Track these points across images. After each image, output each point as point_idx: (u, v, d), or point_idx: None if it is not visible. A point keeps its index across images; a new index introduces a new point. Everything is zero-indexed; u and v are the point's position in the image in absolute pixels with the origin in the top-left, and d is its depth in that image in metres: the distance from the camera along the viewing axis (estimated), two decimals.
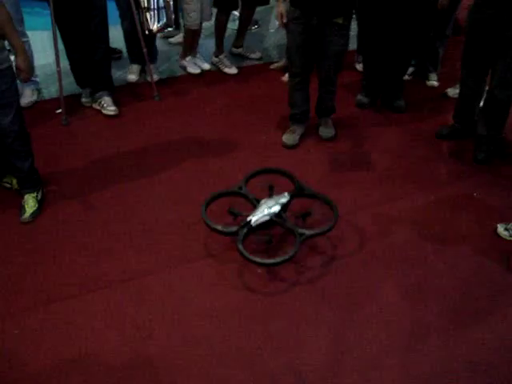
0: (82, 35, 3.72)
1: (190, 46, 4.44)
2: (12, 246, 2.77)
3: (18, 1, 3.78)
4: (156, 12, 3.85)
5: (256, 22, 5.30)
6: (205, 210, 2.70)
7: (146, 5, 3.80)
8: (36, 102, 4.02)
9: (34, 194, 2.97)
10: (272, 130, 3.76)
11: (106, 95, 3.87)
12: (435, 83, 4.39)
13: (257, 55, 4.75)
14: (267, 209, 2.68)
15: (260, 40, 5.14)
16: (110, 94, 3.90)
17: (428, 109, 4.11)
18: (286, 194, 2.80)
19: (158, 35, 4.51)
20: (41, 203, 3.00)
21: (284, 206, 2.74)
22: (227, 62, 4.60)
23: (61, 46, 3.76)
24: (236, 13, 4.85)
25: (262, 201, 2.75)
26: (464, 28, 3.41)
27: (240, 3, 4.49)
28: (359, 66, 4.53)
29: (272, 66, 4.64)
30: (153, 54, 4.30)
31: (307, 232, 2.68)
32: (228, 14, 4.50)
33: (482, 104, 3.56)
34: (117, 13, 4.10)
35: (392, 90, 4.02)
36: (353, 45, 4.62)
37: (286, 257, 2.55)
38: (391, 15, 3.58)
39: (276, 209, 2.69)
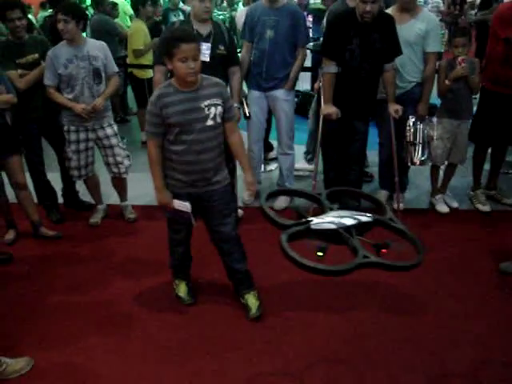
0: (341, 156, 4.04)
1: (435, 181, 4.45)
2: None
3: (292, 116, 4.34)
4: (421, 146, 3.99)
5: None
6: (266, 199, 2.38)
7: (411, 139, 3.99)
8: (286, 208, 4.31)
9: (254, 292, 3.12)
10: None
11: None
12: None
13: (510, 201, 4.50)
14: (337, 218, 2.19)
15: None
16: None
17: None
18: (369, 214, 2.30)
19: None
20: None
21: (360, 225, 2.21)
22: (482, 199, 4.47)
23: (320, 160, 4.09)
24: None
25: (336, 210, 2.29)
26: None
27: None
28: None
29: None
30: (403, 184, 4.39)
31: (374, 258, 2.13)
32: (486, 150, 4.45)
33: None
34: (376, 138, 4.36)
35: None
36: None
37: (337, 268, 2.04)
38: None
39: (348, 222, 2.17)
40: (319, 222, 2.17)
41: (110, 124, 3.98)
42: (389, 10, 4.08)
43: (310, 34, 7.08)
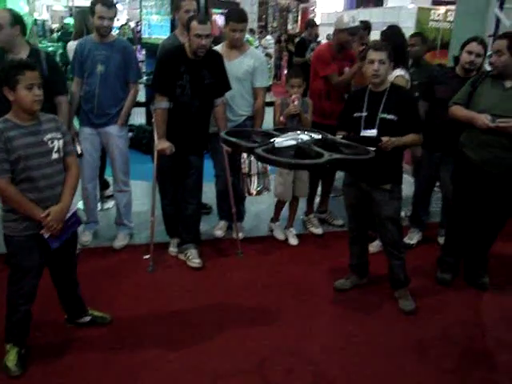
0: (177, 190, 4.04)
1: (278, 211, 4.62)
2: None
3: (126, 152, 4.26)
4: (256, 177, 4.15)
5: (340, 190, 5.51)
6: (226, 132, 2.66)
7: (247, 170, 4.14)
8: (126, 246, 4.27)
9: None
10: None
11: (192, 248, 4.04)
12: None
13: (339, 222, 4.86)
14: (295, 135, 2.52)
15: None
16: (196, 246, 4.06)
17: None
18: (319, 133, 2.69)
19: None
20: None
21: (314, 141, 2.56)
22: (315, 222, 4.78)
23: (157, 196, 4.05)
24: None
25: (291, 132, 2.64)
26: None
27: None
28: (442, 240, 4.49)
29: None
30: (241, 213, 4.52)
31: (339, 155, 2.52)
32: (318, 178, 4.77)
33: None
34: (213, 171, 4.44)
35: (476, 266, 3.90)
36: (436, 218, 4.68)
37: (315, 161, 2.38)
38: (487, 196, 3.63)
39: (305, 137, 2.51)
40: (281, 140, 2.46)
41: None
42: (218, 47, 4.22)
43: (144, 69, 7.07)
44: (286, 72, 14.07)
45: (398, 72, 4.11)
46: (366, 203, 3.54)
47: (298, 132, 2.62)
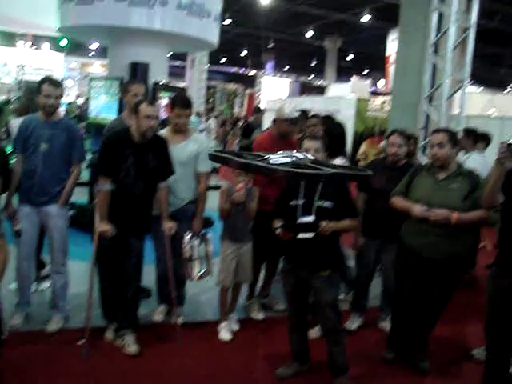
0: (116, 273, 3.94)
1: (224, 305, 4.38)
2: None
3: (66, 232, 4.17)
4: (198, 261, 4.12)
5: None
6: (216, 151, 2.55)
7: (189, 255, 4.11)
8: (60, 330, 4.08)
9: None
10: None
11: (129, 333, 3.89)
12: None
13: (281, 307, 4.80)
14: (289, 154, 2.57)
15: None
16: (133, 332, 3.92)
17: (454, 371, 4.02)
18: (312, 155, 2.84)
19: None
20: None
21: (310, 160, 2.63)
22: (256, 307, 4.72)
23: (95, 278, 3.93)
24: None
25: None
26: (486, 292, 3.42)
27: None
28: (383, 324, 4.53)
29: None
30: (181, 298, 4.43)
31: (338, 170, 2.75)
32: (261, 263, 4.74)
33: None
34: (154, 253, 4.37)
35: (416, 350, 3.94)
36: (375, 301, 4.73)
37: (318, 172, 2.51)
38: (427, 281, 3.74)
39: (300, 156, 2.56)
40: (276, 157, 2.56)
41: None
42: (163, 132, 4.30)
43: (89, 146, 7.06)
44: None
45: (339, 161, 4.28)
46: (305, 290, 3.56)
47: (292, 152, 2.76)
